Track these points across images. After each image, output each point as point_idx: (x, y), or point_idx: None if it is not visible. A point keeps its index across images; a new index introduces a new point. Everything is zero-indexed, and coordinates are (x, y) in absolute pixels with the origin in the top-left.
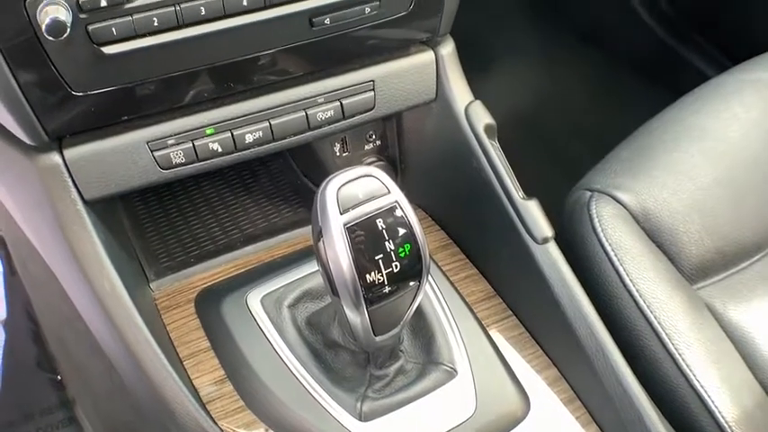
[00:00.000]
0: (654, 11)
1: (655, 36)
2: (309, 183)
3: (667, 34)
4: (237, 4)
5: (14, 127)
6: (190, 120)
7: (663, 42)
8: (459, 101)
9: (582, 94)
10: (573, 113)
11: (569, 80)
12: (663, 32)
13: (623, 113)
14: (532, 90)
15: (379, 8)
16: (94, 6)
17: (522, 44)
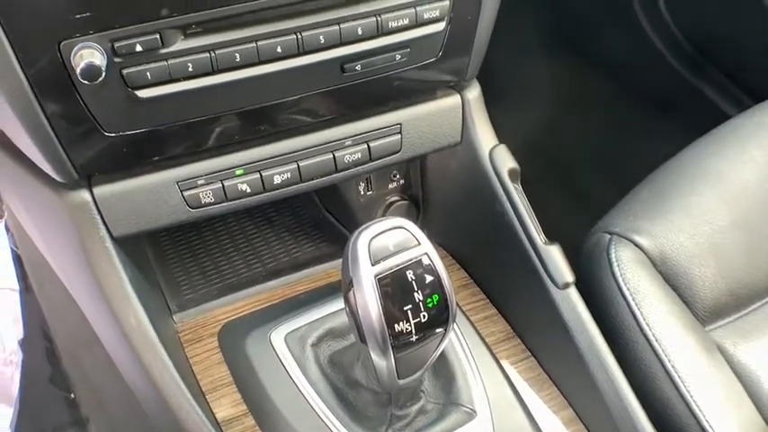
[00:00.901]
0: (672, 46)
1: (673, 71)
2: (332, 218)
3: (685, 69)
4: (272, 51)
5: (45, 164)
6: (219, 160)
7: (681, 77)
8: (483, 144)
9: (600, 128)
10: (591, 147)
11: (588, 113)
12: (681, 67)
13: (642, 148)
14: (551, 123)
15: (409, 55)
16: (130, 51)
17: (540, 77)
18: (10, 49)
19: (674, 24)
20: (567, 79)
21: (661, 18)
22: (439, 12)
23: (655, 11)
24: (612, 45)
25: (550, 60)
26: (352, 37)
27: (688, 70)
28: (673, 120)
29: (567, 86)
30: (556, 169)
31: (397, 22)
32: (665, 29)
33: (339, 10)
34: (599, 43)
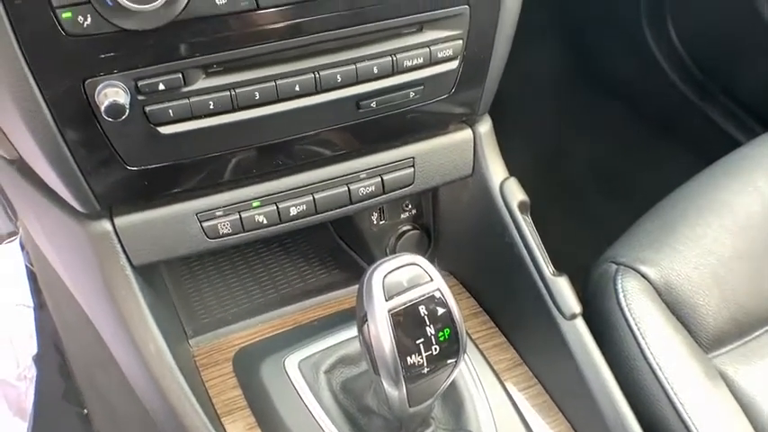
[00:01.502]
0: (681, 71)
1: (682, 96)
2: (345, 246)
3: (694, 95)
4: (290, 89)
5: (67, 195)
6: (237, 193)
7: (690, 102)
8: (494, 177)
9: (609, 152)
10: (600, 171)
11: (597, 137)
12: (690, 93)
13: (651, 172)
14: (560, 146)
15: (422, 92)
16: (153, 90)
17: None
18: (35, 85)
19: (683, 50)
20: (577, 103)
21: (670, 43)
22: (453, 51)
23: (664, 36)
24: (622, 70)
25: (560, 84)
26: (368, 76)
27: (697, 96)
28: (681, 145)
29: (576, 110)
30: (565, 193)
31: (411, 62)
32: (674, 54)
33: (356, 50)
34: (608, 68)
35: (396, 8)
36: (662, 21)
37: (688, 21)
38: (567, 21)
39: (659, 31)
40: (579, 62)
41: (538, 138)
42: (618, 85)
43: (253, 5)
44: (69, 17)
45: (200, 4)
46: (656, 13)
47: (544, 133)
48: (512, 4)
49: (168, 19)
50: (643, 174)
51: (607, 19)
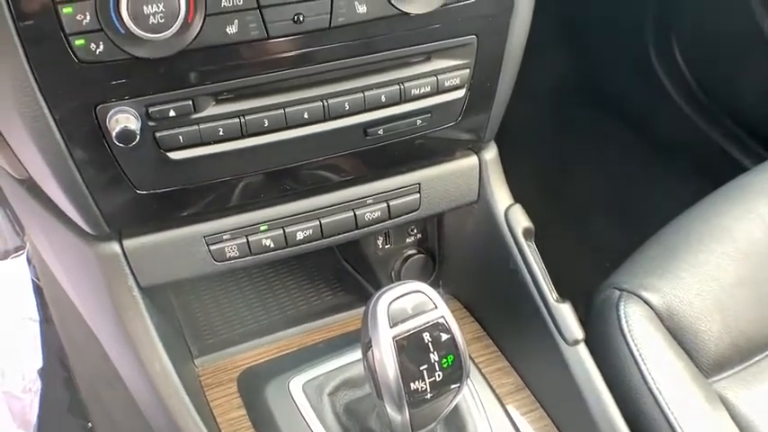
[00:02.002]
0: (687, 96)
1: (688, 120)
2: (350, 268)
3: (701, 119)
4: (299, 117)
5: (77, 217)
6: (245, 217)
7: (696, 127)
8: (499, 204)
9: (615, 176)
10: (607, 195)
11: (604, 161)
12: (696, 117)
13: (658, 196)
14: (567, 169)
15: (429, 119)
16: (163, 116)
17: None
18: (47, 110)
19: (688, 74)
20: (584, 127)
21: (676, 67)
22: (460, 80)
23: (670, 60)
24: (627, 93)
25: (567, 108)
26: (376, 104)
27: (702, 119)
28: (686, 168)
29: (580, 132)
30: (569, 215)
31: (419, 90)
32: (679, 78)
33: (364, 78)
34: (614, 91)
35: (404, 38)
36: (668, 45)
37: (694, 45)
38: (572, 44)
39: (665, 54)
40: (584, 84)
41: (542, 159)
42: (623, 108)
43: (263, 35)
44: (82, 44)
45: (211, 33)
46: (662, 37)
47: (548, 155)
48: (519, 34)
49: (179, 48)
50: (647, 197)
51: (613, 42)
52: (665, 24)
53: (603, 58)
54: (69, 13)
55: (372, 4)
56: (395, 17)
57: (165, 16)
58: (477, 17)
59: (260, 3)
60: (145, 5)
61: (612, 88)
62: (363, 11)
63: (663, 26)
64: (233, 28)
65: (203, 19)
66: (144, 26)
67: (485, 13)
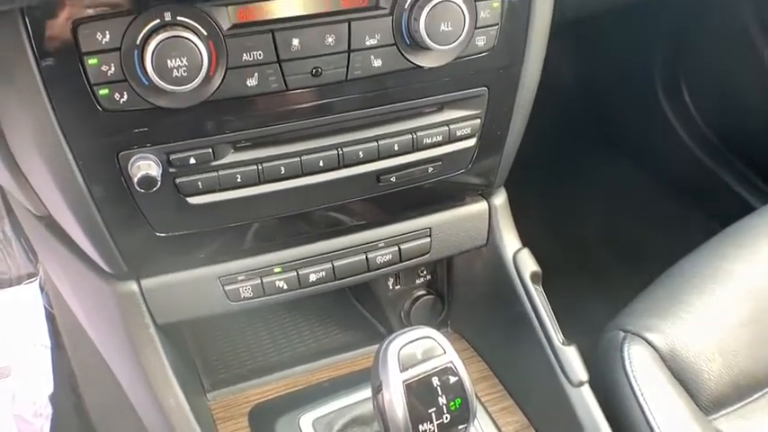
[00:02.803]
0: (696, 136)
1: (697, 160)
2: (361, 308)
3: (709, 159)
4: (314, 164)
5: (96, 256)
6: (259, 259)
7: (705, 167)
8: (508, 248)
9: (624, 215)
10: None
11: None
12: (705, 157)
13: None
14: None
15: (440, 167)
16: (184, 163)
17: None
18: (71, 155)
19: (698, 115)
20: (593, 167)
21: (686, 109)
22: (471, 129)
23: (680, 102)
24: (638, 135)
25: (577, 147)
26: (389, 152)
27: (711, 159)
28: (695, 207)
29: (590, 171)
30: (577, 253)
31: (431, 139)
32: (688, 118)
33: (378, 128)
34: (625, 133)
35: (418, 90)
36: (676, 87)
37: (702, 87)
38: (583, 83)
39: (674, 96)
40: (594, 125)
41: (551, 198)
42: (632, 148)
43: (282, 87)
44: (106, 94)
45: (231, 85)
46: (671, 79)
47: (557, 194)
48: (529, 85)
49: (201, 99)
50: (656, 236)
51: (623, 83)
52: (674, 67)
53: (614, 99)
54: (95, 64)
55: (387, 58)
56: (409, 70)
57: (189, 70)
58: (488, 70)
59: (280, 57)
60: (169, 59)
61: (622, 129)
62: (379, 64)
63: (672, 69)
64: (253, 81)
65: (224, 72)
66: (167, 79)
67: (496, 66)
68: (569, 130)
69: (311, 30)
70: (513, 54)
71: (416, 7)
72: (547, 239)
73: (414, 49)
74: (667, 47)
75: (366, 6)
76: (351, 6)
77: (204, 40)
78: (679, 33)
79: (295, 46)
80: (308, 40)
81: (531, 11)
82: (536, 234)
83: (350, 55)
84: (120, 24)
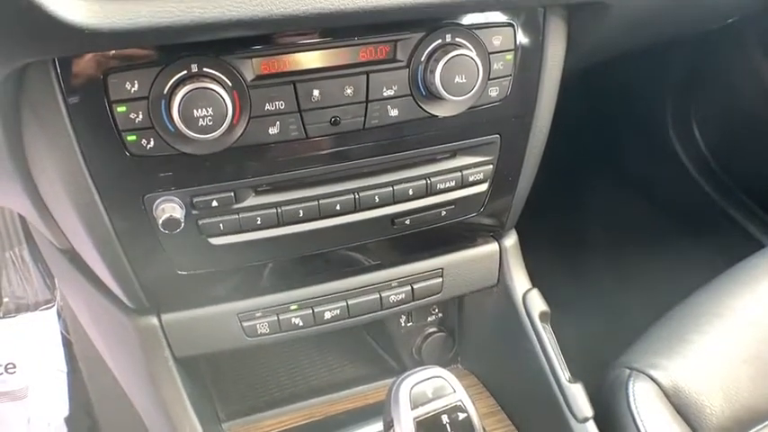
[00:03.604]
0: (705, 170)
1: (705, 194)
2: (373, 343)
3: (717, 194)
4: (331, 208)
5: (118, 291)
6: (276, 296)
7: (712, 201)
8: (518, 288)
9: (633, 249)
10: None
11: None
12: (713, 191)
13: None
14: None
15: (453, 210)
16: (207, 206)
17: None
18: (98, 197)
19: (707, 151)
20: (603, 202)
21: (695, 144)
22: (483, 175)
23: (689, 137)
24: (648, 170)
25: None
26: (404, 197)
27: (720, 195)
28: (704, 243)
29: (599, 205)
30: (585, 286)
31: (444, 184)
32: (698, 155)
33: (393, 173)
34: (633, 165)
35: (432, 138)
36: (687, 120)
37: (712, 122)
38: (593, 118)
39: (684, 132)
40: (604, 158)
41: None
42: (642, 182)
43: (302, 135)
44: (134, 140)
45: (254, 133)
46: (681, 112)
47: (566, 227)
48: (540, 132)
49: (225, 146)
50: (665, 271)
51: (634, 118)
52: (684, 102)
53: (623, 135)
54: (123, 111)
55: (403, 108)
56: (423, 119)
57: (214, 119)
58: (500, 118)
59: (300, 107)
60: (195, 109)
61: (632, 164)
62: (395, 114)
63: (682, 104)
64: (275, 129)
65: (248, 121)
66: (193, 127)
67: (508, 115)
68: (578, 165)
69: (331, 81)
70: (526, 103)
71: (432, 60)
72: (555, 273)
73: (429, 99)
74: (677, 82)
75: (384, 59)
76: (369, 59)
77: (229, 91)
78: (689, 69)
79: (315, 96)
80: (327, 90)
81: (543, 62)
82: (544, 268)
83: (367, 105)
84: (149, 74)
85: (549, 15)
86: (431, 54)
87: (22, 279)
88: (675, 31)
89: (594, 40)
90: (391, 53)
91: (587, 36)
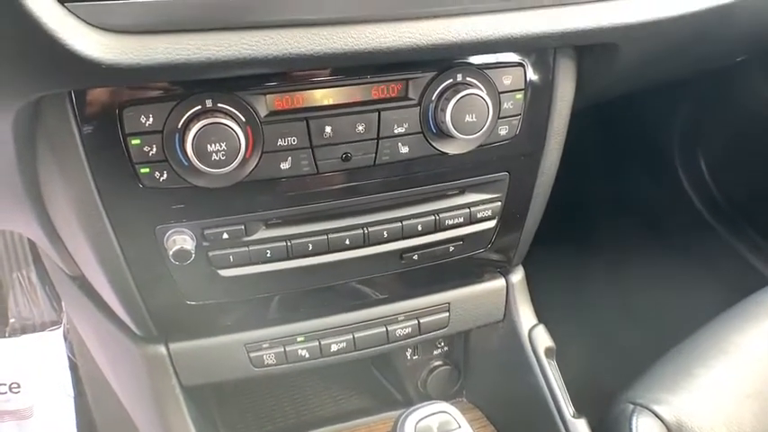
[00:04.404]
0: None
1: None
2: (379, 375)
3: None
4: (341, 242)
5: (128, 320)
6: (284, 328)
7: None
8: (524, 323)
9: (637, 282)
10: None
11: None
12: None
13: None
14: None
15: (461, 246)
16: (217, 238)
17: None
18: (110, 228)
19: (713, 184)
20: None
21: (702, 178)
22: (491, 212)
23: (696, 171)
24: (654, 202)
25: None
26: (412, 232)
27: (725, 229)
28: (711, 277)
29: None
30: (591, 320)
31: (453, 221)
32: (705, 189)
33: (402, 209)
34: (641, 200)
35: (441, 175)
36: (694, 158)
37: (719, 156)
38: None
39: (691, 167)
40: (609, 190)
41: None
42: (648, 215)
43: (313, 170)
44: (147, 172)
45: (266, 168)
46: (689, 148)
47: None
48: (549, 170)
49: (236, 180)
50: (671, 305)
51: (640, 152)
52: (691, 137)
53: (629, 168)
54: (137, 144)
55: (414, 145)
56: (433, 156)
57: (227, 154)
58: (509, 156)
59: (312, 143)
60: (208, 144)
61: (638, 197)
62: (405, 151)
63: (689, 138)
64: (286, 164)
65: (260, 155)
66: (206, 161)
67: (517, 153)
68: (584, 199)
69: (343, 118)
70: (535, 141)
71: (443, 99)
72: (560, 306)
73: (439, 136)
74: (685, 117)
75: (395, 97)
76: (381, 97)
77: (242, 126)
78: (697, 105)
79: (327, 133)
80: (339, 127)
81: (552, 101)
82: (549, 301)
83: (378, 142)
84: (164, 109)
85: (559, 56)
86: (442, 93)
87: (28, 300)
88: (684, 70)
89: (604, 79)
90: (403, 91)
91: (596, 75)
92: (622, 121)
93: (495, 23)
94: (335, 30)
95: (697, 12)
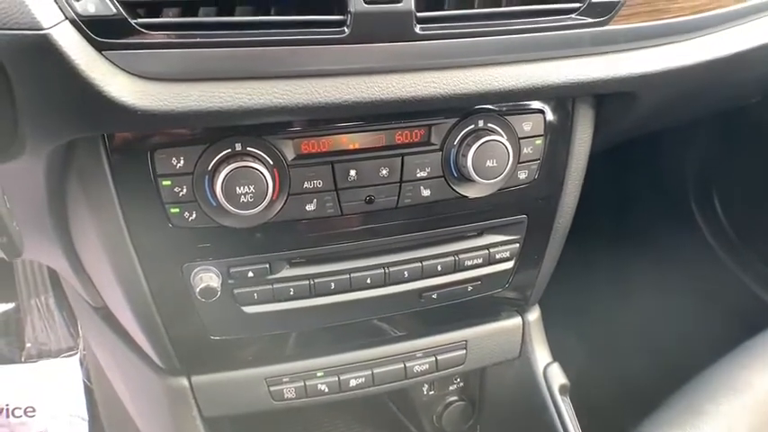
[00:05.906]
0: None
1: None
2: (395, 408)
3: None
4: (362, 281)
5: (151, 353)
6: (304, 363)
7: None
8: (539, 361)
9: (650, 319)
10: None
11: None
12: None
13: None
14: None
15: (479, 286)
16: (243, 276)
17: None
18: (138, 265)
19: (729, 226)
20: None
21: (718, 219)
22: (509, 253)
23: (712, 212)
24: (670, 243)
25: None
26: (432, 272)
27: (739, 267)
28: (721, 313)
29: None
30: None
31: (471, 261)
32: (721, 230)
33: (422, 250)
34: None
35: (461, 217)
36: (709, 196)
37: (735, 197)
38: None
39: (706, 205)
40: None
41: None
42: (664, 256)
43: (337, 212)
44: (177, 212)
45: (292, 210)
46: (704, 188)
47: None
48: (566, 212)
49: (263, 221)
50: (686, 345)
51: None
52: (707, 178)
53: (645, 209)
54: (168, 185)
55: (435, 189)
56: (454, 199)
57: (255, 196)
58: (528, 200)
59: (337, 185)
60: (237, 186)
61: (654, 239)
62: (427, 194)
63: (704, 179)
64: (312, 206)
65: (286, 198)
66: (234, 203)
67: (536, 196)
68: (600, 239)
69: (367, 162)
70: (553, 185)
71: (465, 144)
72: (576, 346)
73: (460, 180)
74: (700, 158)
75: (418, 142)
76: (404, 142)
77: (270, 169)
78: (711, 146)
79: (352, 176)
80: (363, 170)
81: (570, 146)
82: (562, 336)
83: (401, 185)
84: (195, 152)
85: (578, 103)
86: (463, 138)
87: (46, 326)
88: (700, 112)
89: (621, 124)
90: (426, 137)
91: (614, 121)
92: (637, 157)
93: (516, 74)
94: (362, 79)
95: (713, 60)
